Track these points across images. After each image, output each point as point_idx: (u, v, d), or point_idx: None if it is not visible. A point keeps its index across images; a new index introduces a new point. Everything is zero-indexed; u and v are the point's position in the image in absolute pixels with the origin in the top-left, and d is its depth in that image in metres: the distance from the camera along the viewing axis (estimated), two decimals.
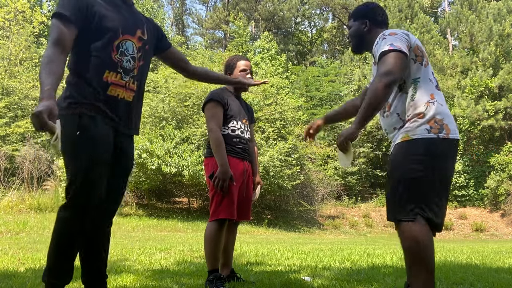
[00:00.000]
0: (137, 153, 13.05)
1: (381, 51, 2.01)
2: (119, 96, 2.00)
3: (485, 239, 16.44)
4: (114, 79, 1.97)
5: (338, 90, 25.89)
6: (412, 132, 2.01)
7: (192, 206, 17.49)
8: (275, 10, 36.16)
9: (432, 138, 1.98)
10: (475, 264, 4.55)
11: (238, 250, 5.47)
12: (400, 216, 1.97)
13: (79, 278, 2.24)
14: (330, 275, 3.30)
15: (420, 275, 1.93)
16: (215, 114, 2.80)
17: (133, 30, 2.08)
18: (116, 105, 2.00)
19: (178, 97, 15.23)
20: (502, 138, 22.01)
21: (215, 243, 2.72)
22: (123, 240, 7.85)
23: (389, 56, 1.97)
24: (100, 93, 1.95)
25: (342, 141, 2.12)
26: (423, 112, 2.01)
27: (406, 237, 1.96)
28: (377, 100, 1.97)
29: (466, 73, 21.76)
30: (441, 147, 1.98)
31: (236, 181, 2.79)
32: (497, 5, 22.29)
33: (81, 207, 1.92)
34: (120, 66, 1.99)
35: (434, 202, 1.97)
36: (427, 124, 1.99)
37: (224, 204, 2.72)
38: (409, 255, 1.97)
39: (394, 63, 1.95)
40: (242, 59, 3.01)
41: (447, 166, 2.02)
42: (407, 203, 1.96)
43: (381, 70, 1.97)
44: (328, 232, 16.95)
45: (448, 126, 2.01)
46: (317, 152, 20.88)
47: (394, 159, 2.07)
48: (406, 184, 1.98)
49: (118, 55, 1.99)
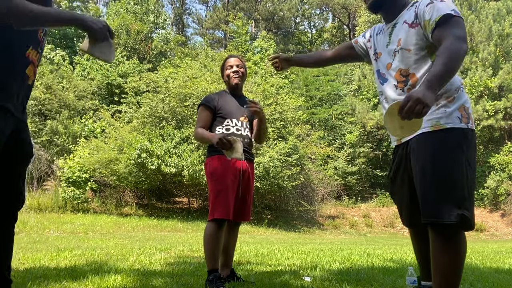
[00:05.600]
0: (137, 153, 13.05)
1: (446, 12, 1.76)
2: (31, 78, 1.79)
3: (485, 239, 16.44)
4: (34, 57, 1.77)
5: (338, 89, 25.89)
6: (445, 120, 1.79)
7: (192, 206, 17.49)
8: (275, 10, 36.16)
9: (464, 128, 1.80)
10: (475, 264, 4.55)
11: (238, 250, 5.47)
12: (444, 218, 1.73)
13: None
14: (330, 275, 3.30)
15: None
16: (200, 118, 2.94)
17: None
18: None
19: (178, 97, 15.23)
20: (502, 138, 22.01)
21: (214, 243, 2.72)
22: (123, 240, 7.86)
23: (459, 21, 1.75)
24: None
25: (419, 109, 1.58)
26: (454, 96, 1.81)
27: (450, 245, 1.75)
28: (458, 63, 1.67)
29: (465, 73, 21.77)
30: (471, 138, 1.82)
31: (232, 180, 2.80)
32: (497, 5, 22.30)
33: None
34: (41, 46, 1.81)
35: (471, 199, 1.79)
36: (457, 111, 1.80)
37: (219, 204, 2.73)
38: (447, 266, 1.73)
39: (465, 31, 1.74)
40: (231, 57, 3.09)
41: (475, 158, 1.86)
42: (450, 203, 1.74)
43: (461, 33, 1.71)
44: (328, 232, 16.94)
45: (471, 116, 1.86)
46: (317, 152, 20.88)
47: (425, 151, 1.81)
48: (446, 181, 1.75)
49: (43, 34, 1.81)
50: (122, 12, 24.20)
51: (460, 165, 1.76)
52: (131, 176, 13.91)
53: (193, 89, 14.97)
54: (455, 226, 1.74)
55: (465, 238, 1.80)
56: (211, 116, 2.93)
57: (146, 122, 15.48)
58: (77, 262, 3.92)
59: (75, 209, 13.95)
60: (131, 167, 13.58)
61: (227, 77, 3.03)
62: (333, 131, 24.03)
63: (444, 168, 1.76)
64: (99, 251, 5.00)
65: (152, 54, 25.05)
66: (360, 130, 23.14)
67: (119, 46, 22.72)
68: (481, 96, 20.99)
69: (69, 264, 3.76)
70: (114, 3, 25.98)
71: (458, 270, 1.77)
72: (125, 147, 13.71)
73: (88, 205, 14.55)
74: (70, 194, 13.82)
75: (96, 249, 5.37)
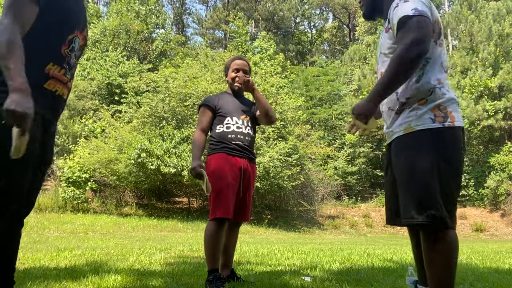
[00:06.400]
0: (136, 153, 13.05)
1: (404, 14, 1.74)
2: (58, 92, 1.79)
3: (485, 239, 16.44)
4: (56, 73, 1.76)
5: (338, 89, 25.90)
6: (415, 122, 1.81)
7: (192, 206, 17.49)
8: (275, 10, 36.17)
9: (439, 127, 1.79)
10: (475, 264, 4.55)
11: (238, 250, 5.47)
12: (416, 219, 1.78)
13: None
14: (330, 275, 3.30)
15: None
16: (200, 119, 2.96)
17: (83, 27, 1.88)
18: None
19: (178, 97, 15.23)
20: (502, 138, 22.02)
21: (214, 243, 2.71)
22: (123, 240, 7.86)
23: (417, 21, 1.71)
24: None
25: (361, 120, 1.83)
26: (426, 98, 1.81)
27: (429, 244, 1.79)
28: (404, 73, 1.72)
29: (465, 73, 21.77)
30: (448, 138, 1.79)
31: (233, 179, 2.79)
32: (497, 5, 22.31)
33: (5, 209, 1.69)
34: (67, 61, 1.79)
35: (447, 198, 1.78)
36: (430, 112, 1.80)
37: (220, 203, 2.72)
38: (429, 265, 1.80)
39: (424, 31, 1.69)
40: (236, 59, 3.05)
41: (456, 157, 1.81)
42: (421, 205, 1.76)
43: (410, 37, 1.70)
44: (328, 232, 16.94)
45: (452, 114, 1.81)
46: (317, 152, 20.88)
47: (399, 154, 1.87)
48: (417, 183, 1.78)
49: (68, 50, 1.79)
50: (123, 11, 24.16)
51: (430, 165, 1.76)
52: (131, 176, 13.91)
53: (193, 89, 14.97)
54: (427, 226, 1.76)
55: (451, 237, 1.77)
56: (211, 116, 2.93)
57: (146, 122, 15.47)
58: (77, 262, 3.92)
59: (75, 209, 13.95)
60: (131, 167, 13.58)
61: (231, 79, 3.00)
62: (333, 131, 24.04)
63: (413, 170, 1.79)
64: (99, 251, 5.00)
65: (153, 54, 25.05)
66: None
67: (119, 46, 22.74)
68: (481, 96, 20.99)
69: (69, 264, 3.76)
70: (115, 3, 25.94)
71: (446, 270, 1.76)
72: (125, 147, 13.71)
73: (88, 205, 14.55)
74: (70, 194, 13.82)
75: (96, 249, 5.37)
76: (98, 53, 21.79)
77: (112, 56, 21.39)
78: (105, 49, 22.50)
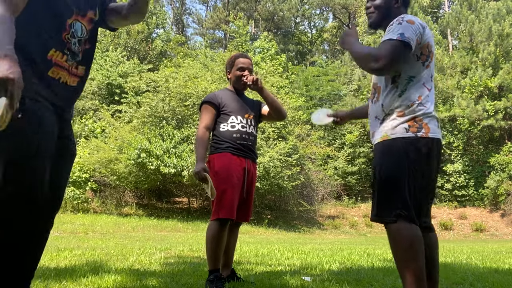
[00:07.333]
0: (136, 153, 13.05)
1: (389, 38, 1.90)
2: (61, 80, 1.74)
3: (485, 239, 16.44)
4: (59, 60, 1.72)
5: (338, 89, 25.90)
6: (390, 131, 1.96)
7: (192, 206, 17.49)
8: (275, 10, 36.17)
9: (411, 137, 1.92)
10: (475, 264, 4.55)
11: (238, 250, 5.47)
12: (384, 217, 1.95)
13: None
14: (330, 275, 3.29)
15: (405, 281, 1.86)
16: (204, 117, 2.89)
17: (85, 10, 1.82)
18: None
19: (178, 97, 15.23)
20: (502, 138, 22.02)
21: (217, 243, 2.70)
22: (123, 240, 7.86)
23: (391, 44, 1.87)
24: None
25: (342, 40, 2.15)
26: (404, 112, 1.96)
27: (391, 239, 1.94)
28: (358, 62, 2.01)
29: (465, 73, 21.78)
30: (420, 146, 1.92)
31: (237, 179, 2.78)
32: (497, 5, 22.31)
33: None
34: (68, 48, 1.74)
35: (416, 203, 1.93)
36: (405, 123, 1.94)
37: (224, 203, 2.69)
38: (394, 257, 1.95)
39: (392, 56, 1.86)
40: (241, 57, 2.98)
41: (427, 165, 1.95)
42: (390, 204, 1.92)
43: (377, 53, 1.89)
44: (328, 232, 16.95)
45: (428, 125, 1.94)
46: (317, 152, 20.88)
47: (375, 159, 2.05)
48: (387, 185, 1.95)
49: (69, 36, 1.74)
50: None
51: (400, 169, 1.92)
52: (131, 176, 13.91)
53: (193, 88, 14.97)
54: (393, 223, 1.93)
55: (405, 233, 1.89)
56: (215, 113, 2.86)
57: (146, 121, 15.48)
58: (77, 262, 3.92)
59: (75, 209, 13.95)
60: (131, 167, 13.58)
61: (236, 77, 2.93)
62: (333, 131, 24.04)
63: (385, 173, 1.97)
64: (99, 251, 5.00)
65: (153, 54, 25.05)
66: (360, 130, 23.15)
67: (119, 46, 22.73)
68: (481, 96, 20.99)
69: (69, 264, 3.76)
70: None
71: (400, 261, 1.90)
72: (125, 147, 13.71)
73: (88, 205, 14.55)
74: (70, 194, 13.82)
75: (96, 249, 5.37)
76: (98, 53, 21.79)
77: (112, 56, 21.40)
78: (105, 49, 22.50)
